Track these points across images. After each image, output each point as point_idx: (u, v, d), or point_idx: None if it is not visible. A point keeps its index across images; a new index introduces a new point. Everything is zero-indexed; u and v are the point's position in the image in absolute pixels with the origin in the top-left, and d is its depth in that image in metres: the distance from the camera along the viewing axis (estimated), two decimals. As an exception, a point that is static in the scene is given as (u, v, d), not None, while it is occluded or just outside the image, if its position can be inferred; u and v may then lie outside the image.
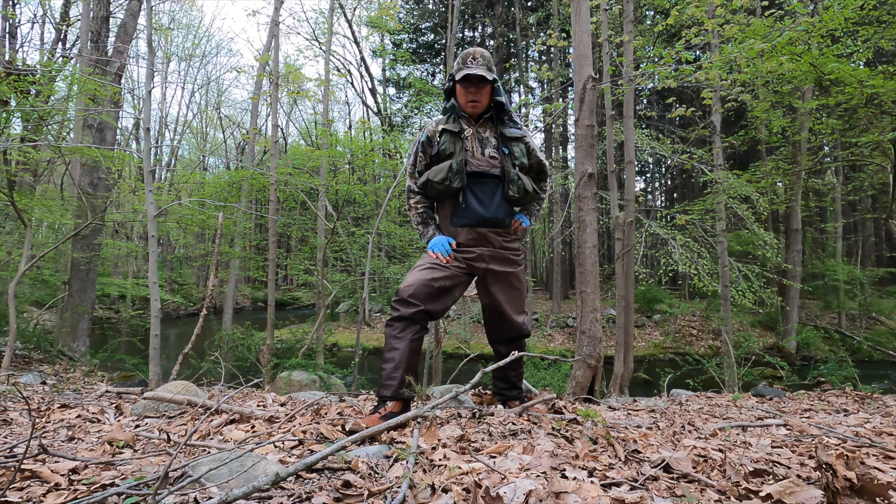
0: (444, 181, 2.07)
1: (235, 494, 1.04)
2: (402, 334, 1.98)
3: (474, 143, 2.13)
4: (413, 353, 1.98)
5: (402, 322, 1.99)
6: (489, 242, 2.14)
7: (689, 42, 4.52)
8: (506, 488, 1.13)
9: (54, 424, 2.03)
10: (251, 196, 10.23)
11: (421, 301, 2.00)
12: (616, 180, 5.94)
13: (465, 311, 13.95)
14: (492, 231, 2.13)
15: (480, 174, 2.11)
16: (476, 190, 2.11)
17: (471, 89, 2.06)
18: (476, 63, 2.05)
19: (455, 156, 2.09)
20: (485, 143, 2.14)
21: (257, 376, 4.48)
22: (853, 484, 1.12)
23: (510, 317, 2.22)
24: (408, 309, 1.99)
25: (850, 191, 12.73)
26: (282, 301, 18.59)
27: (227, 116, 27.50)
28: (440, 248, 2.10)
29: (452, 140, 2.11)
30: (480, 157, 2.12)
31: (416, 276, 2.05)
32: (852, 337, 11.59)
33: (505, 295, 2.20)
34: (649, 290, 14.29)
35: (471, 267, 2.13)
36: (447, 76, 2.21)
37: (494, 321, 2.26)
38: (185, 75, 24.52)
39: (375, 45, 20.52)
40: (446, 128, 2.11)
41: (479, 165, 2.11)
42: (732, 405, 2.87)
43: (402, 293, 2.02)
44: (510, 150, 2.15)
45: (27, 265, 5.20)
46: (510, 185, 2.12)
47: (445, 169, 2.07)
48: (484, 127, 2.16)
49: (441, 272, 2.06)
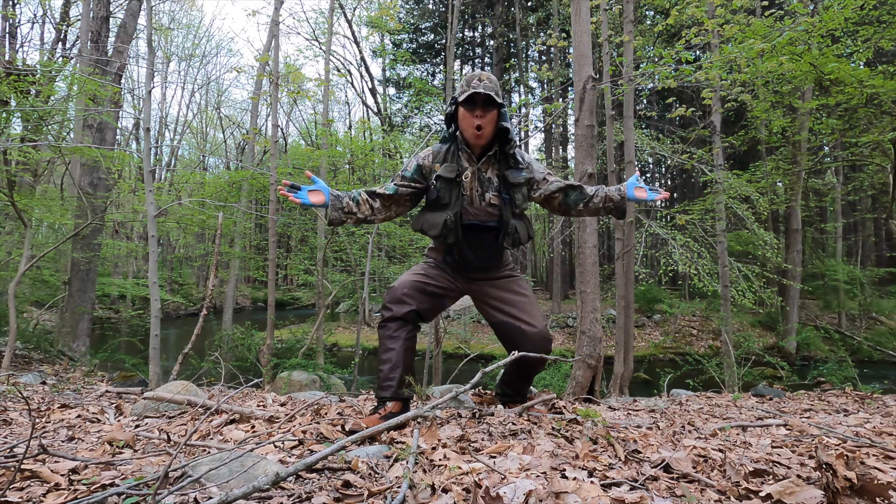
0: (437, 237, 1.96)
1: (235, 494, 1.04)
2: (397, 334, 1.95)
3: (474, 186, 1.96)
4: (409, 352, 1.97)
5: (395, 322, 1.96)
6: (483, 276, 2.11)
7: (689, 42, 4.52)
8: (506, 488, 1.13)
9: (54, 424, 2.03)
10: (251, 196, 10.24)
11: (414, 301, 1.98)
12: (616, 180, 5.95)
13: (465, 311, 13.94)
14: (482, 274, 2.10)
15: (477, 227, 1.96)
16: (472, 241, 1.98)
17: (476, 112, 1.86)
18: (482, 85, 1.86)
19: (450, 207, 1.92)
20: (486, 185, 1.97)
21: (257, 376, 4.48)
22: (853, 484, 1.12)
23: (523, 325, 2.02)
24: (401, 308, 1.96)
25: (850, 191, 12.72)
26: (282, 301, 18.59)
27: (227, 116, 27.52)
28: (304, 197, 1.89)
29: (448, 188, 1.93)
30: (479, 206, 1.96)
31: (409, 278, 2.03)
32: (852, 337, 11.59)
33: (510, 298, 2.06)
34: (649, 290, 14.29)
35: (465, 286, 2.11)
36: (449, 100, 1.98)
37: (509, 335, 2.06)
38: (185, 75, 24.54)
39: (375, 45, 20.54)
40: (442, 175, 1.93)
41: (477, 216, 1.96)
42: (732, 405, 2.87)
43: (396, 291, 1.99)
44: (511, 196, 1.97)
45: (27, 265, 5.20)
46: (506, 237, 1.98)
47: (440, 225, 1.92)
48: (487, 165, 1.97)
49: (434, 280, 2.05)
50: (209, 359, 4.75)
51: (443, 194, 1.93)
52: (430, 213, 1.99)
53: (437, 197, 1.95)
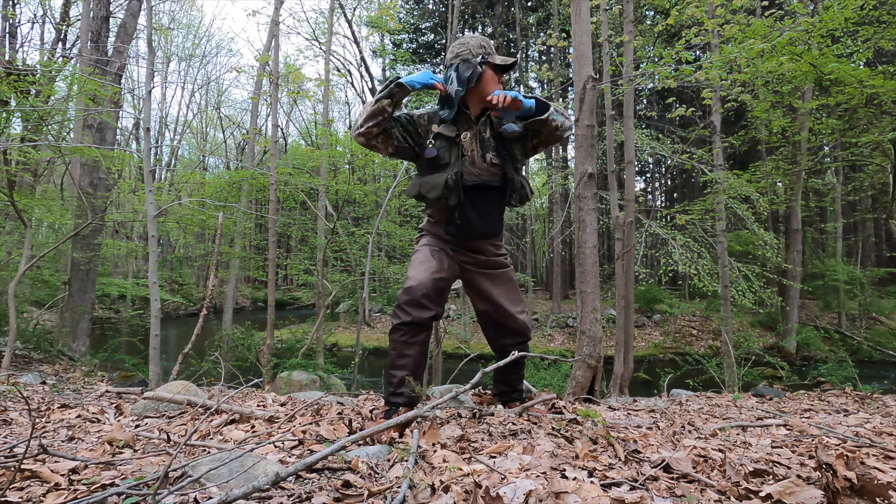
0: (438, 199, 1.86)
1: (235, 494, 1.04)
2: (415, 339, 1.87)
3: (475, 147, 1.90)
4: (423, 356, 1.92)
5: (412, 327, 1.86)
6: (481, 252, 2.06)
7: (689, 42, 4.52)
8: (506, 488, 1.13)
9: (54, 424, 2.03)
10: (251, 196, 10.24)
11: (435, 305, 1.89)
12: (616, 180, 5.94)
13: (465, 311, 13.94)
14: (487, 241, 2.05)
15: (480, 186, 1.90)
16: (475, 203, 1.92)
17: (499, 78, 1.89)
18: (490, 49, 1.89)
19: (450, 167, 1.86)
20: (486, 145, 1.92)
21: (257, 376, 4.48)
22: (853, 484, 1.12)
23: (509, 310, 2.05)
24: (421, 313, 1.85)
25: (850, 191, 12.72)
26: (282, 301, 18.59)
27: (227, 116, 27.52)
28: (434, 78, 1.84)
29: (448, 147, 1.87)
30: (481, 165, 1.91)
31: (428, 277, 1.90)
32: (852, 337, 11.59)
33: (499, 289, 2.07)
34: (649, 290, 14.30)
35: (462, 269, 2.07)
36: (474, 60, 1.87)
37: (493, 321, 2.11)
38: (185, 75, 24.57)
39: (375, 45, 20.54)
40: (442, 132, 1.88)
41: (480, 176, 1.90)
42: (732, 405, 2.87)
43: (415, 293, 1.86)
44: (510, 151, 1.94)
45: (27, 265, 5.20)
46: (513, 194, 1.96)
47: (441, 185, 1.83)
48: (485, 126, 1.94)
49: (443, 274, 1.96)
50: (209, 359, 4.74)
51: (442, 153, 1.88)
52: (428, 174, 1.90)
53: (437, 156, 1.88)
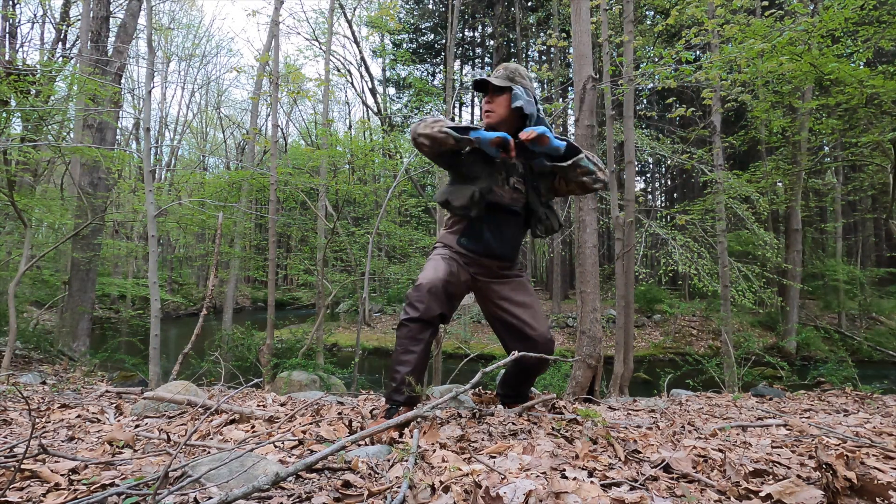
0: (462, 208, 1.91)
1: (235, 494, 1.04)
2: (421, 336, 1.88)
3: (503, 170, 1.96)
4: (427, 355, 1.93)
5: (418, 324, 1.88)
6: (488, 269, 2.03)
7: (689, 42, 4.52)
8: (506, 488, 1.13)
9: (54, 424, 2.03)
10: (251, 196, 10.24)
11: (443, 305, 1.90)
12: (616, 180, 5.95)
13: (465, 311, 13.95)
14: (497, 262, 2.03)
15: (501, 207, 1.96)
16: (493, 222, 1.96)
17: (486, 98, 1.96)
18: (496, 73, 1.95)
19: (479, 181, 1.92)
20: (511, 169, 1.96)
21: (257, 376, 4.48)
22: (853, 484, 1.12)
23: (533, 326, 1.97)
24: (429, 310, 1.88)
25: (850, 191, 12.73)
26: (282, 301, 18.61)
27: (227, 116, 27.51)
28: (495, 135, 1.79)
29: (483, 163, 1.93)
30: (505, 189, 1.95)
31: (438, 278, 1.91)
32: (852, 337, 11.59)
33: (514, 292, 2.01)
34: (649, 290, 14.29)
35: (473, 279, 2.03)
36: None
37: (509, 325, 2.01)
38: (185, 75, 24.55)
39: (375, 45, 20.51)
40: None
41: (502, 198, 1.95)
42: (732, 405, 2.87)
43: (424, 290, 1.89)
44: (538, 185, 1.98)
45: (27, 265, 5.20)
46: (537, 225, 1.99)
47: (468, 196, 1.90)
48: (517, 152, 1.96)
49: (454, 280, 1.95)
50: (209, 359, 4.75)
51: (477, 168, 1.94)
52: (458, 184, 1.98)
53: (471, 170, 1.94)
